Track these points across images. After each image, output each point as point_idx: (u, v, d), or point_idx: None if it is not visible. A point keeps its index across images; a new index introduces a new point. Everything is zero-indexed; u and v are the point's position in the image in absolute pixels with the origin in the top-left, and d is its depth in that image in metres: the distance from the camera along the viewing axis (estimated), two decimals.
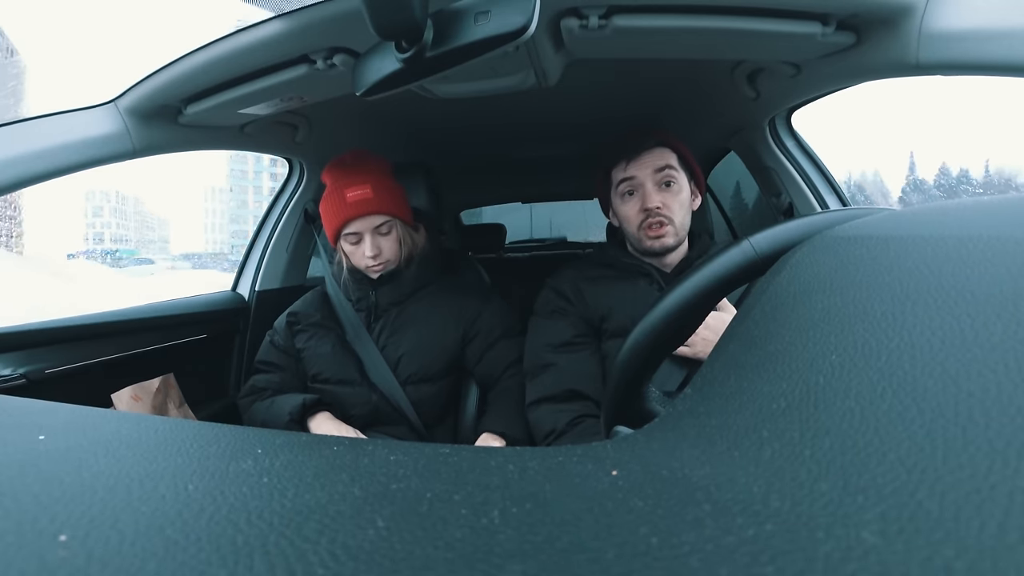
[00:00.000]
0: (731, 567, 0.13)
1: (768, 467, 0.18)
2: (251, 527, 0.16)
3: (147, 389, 1.08)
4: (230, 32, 0.75)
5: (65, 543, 0.16)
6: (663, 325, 0.38)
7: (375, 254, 1.03)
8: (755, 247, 0.36)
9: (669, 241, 0.95)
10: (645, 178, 0.95)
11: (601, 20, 0.71)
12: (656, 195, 0.95)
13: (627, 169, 0.97)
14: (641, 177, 0.95)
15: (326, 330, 1.11)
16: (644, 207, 0.94)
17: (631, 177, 0.96)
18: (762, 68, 0.99)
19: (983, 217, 0.24)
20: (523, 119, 1.49)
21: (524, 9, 0.51)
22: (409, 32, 0.53)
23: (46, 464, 0.22)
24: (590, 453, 0.23)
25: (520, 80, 0.93)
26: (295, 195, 1.44)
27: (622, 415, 0.42)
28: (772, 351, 0.23)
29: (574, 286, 1.01)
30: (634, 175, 0.96)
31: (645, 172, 0.95)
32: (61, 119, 0.83)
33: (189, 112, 0.90)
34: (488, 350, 1.09)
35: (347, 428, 1.01)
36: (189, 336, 1.24)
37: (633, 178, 0.96)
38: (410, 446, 0.24)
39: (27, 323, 0.93)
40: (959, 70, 0.68)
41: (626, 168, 0.97)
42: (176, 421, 0.29)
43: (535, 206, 2.85)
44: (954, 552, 0.12)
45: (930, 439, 0.15)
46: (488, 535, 0.16)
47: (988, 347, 0.17)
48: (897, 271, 0.22)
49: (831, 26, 0.73)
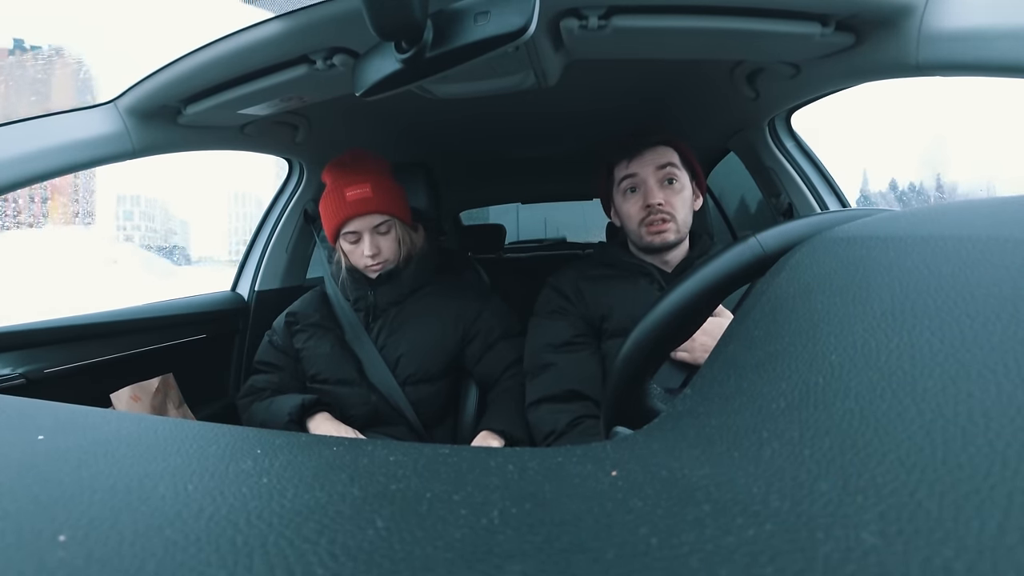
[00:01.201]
0: (731, 567, 0.13)
1: (768, 467, 0.18)
2: (250, 527, 0.16)
3: (146, 389, 1.08)
4: (230, 32, 0.75)
5: (64, 543, 0.16)
6: (666, 321, 0.37)
7: (374, 253, 1.03)
8: (763, 244, 0.36)
9: (670, 237, 0.95)
10: (647, 175, 0.95)
11: (601, 20, 0.71)
12: (659, 192, 0.95)
13: (629, 166, 0.97)
14: (643, 174, 0.95)
15: (325, 330, 1.10)
16: (646, 203, 0.94)
17: (633, 174, 0.96)
18: (762, 68, 0.99)
19: (983, 217, 0.24)
20: (523, 119, 1.49)
21: (524, 9, 0.51)
22: (409, 32, 0.53)
23: (45, 464, 0.22)
24: (590, 453, 0.23)
25: (520, 80, 0.93)
26: (295, 195, 1.44)
27: (622, 415, 0.41)
28: (772, 351, 0.23)
29: (574, 286, 1.01)
30: (636, 172, 0.96)
31: (647, 169, 0.95)
32: (61, 119, 0.83)
33: (189, 112, 0.90)
34: (488, 350, 1.09)
35: (346, 428, 1.01)
36: (188, 336, 1.24)
37: (635, 175, 0.96)
38: (409, 446, 0.24)
39: (26, 323, 0.93)
40: (959, 71, 0.68)
41: (628, 165, 0.97)
42: (175, 421, 0.29)
43: (534, 206, 2.85)
44: (954, 552, 0.12)
45: (930, 439, 0.15)
46: (488, 535, 0.16)
47: (988, 347, 0.17)
48: (897, 271, 0.23)
49: (830, 26, 0.73)
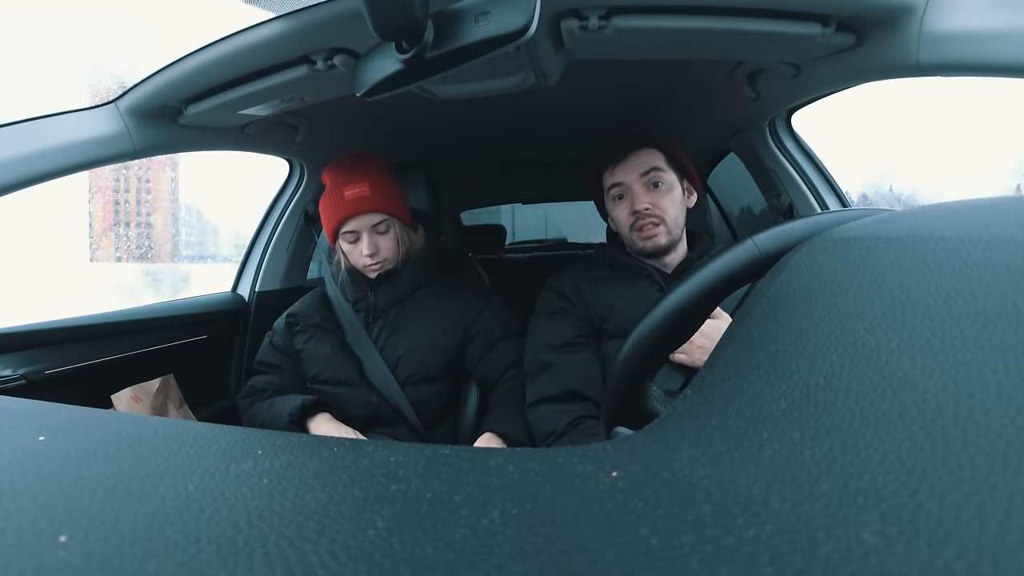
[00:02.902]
0: (731, 568, 0.13)
1: (768, 468, 0.18)
2: (251, 528, 0.16)
3: (147, 390, 1.08)
4: (231, 33, 0.75)
5: (65, 544, 0.16)
6: (665, 324, 0.37)
7: (372, 252, 1.03)
8: (759, 246, 0.36)
9: (661, 241, 0.95)
10: (632, 181, 0.96)
11: (601, 21, 0.71)
12: (644, 196, 0.95)
13: (615, 174, 0.98)
14: (628, 181, 0.96)
15: (325, 331, 1.10)
16: (633, 209, 0.95)
17: (620, 183, 0.97)
18: (762, 69, 0.99)
19: (983, 217, 0.24)
20: (523, 120, 1.49)
21: (524, 10, 0.51)
22: (409, 33, 0.53)
23: (46, 465, 0.22)
24: (590, 454, 0.23)
25: (520, 80, 0.93)
26: (295, 196, 1.44)
27: (622, 416, 0.41)
28: (772, 352, 0.23)
29: (574, 287, 1.01)
30: (622, 180, 0.97)
31: (632, 176, 0.96)
32: (61, 119, 0.83)
33: (189, 113, 0.90)
34: (488, 351, 1.09)
35: (347, 429, 1.01)
36: (189, 337, 1.25)
37: (621, 183, 0.97)
38: (410, 447, 0.24)
39: (27, 324, 0.93)
40: (959, 71, 0.68)
41: (613, 172, 0.98)
42: (176, 422, 0.29)
43: (535, 206, 2.84)
44: (954, 553, 0.12)
45: (930, 440, 0.15)
46: (488, 536, 0.16)
47: (988, 347, 0.17)
48: (897, 271, 0.22)
49: (831, 27, 0.73)
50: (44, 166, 0.80)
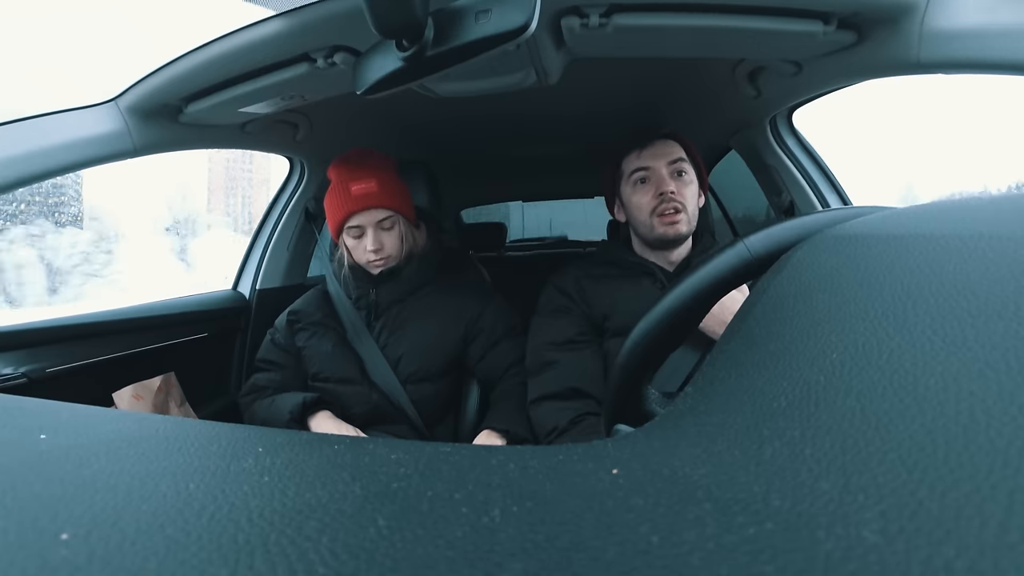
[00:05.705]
0: (732, 566, 0.13)
1: (769, 466, 0.18)
2: (252, 526, 0.16)
3: (148, 388, 1.08)
4: (231, 31, 0.75)
5: (66, 542, 0.16)
6: (661, 326, 0.38)
7: (377, 248, 1.03)
8: (750, 248, 0.36)
9: (683, 228, 0.95)
10: (659, 166, 0.96)
11: (602, 18, 0.71)
12: (671, 181, 0.95)
13: (640, 158, 0.97)
14: (655, 166, 0.96)
15: (327, 329, 1.11)
16: (659, 191, 0.95)
17: (646, 167, 0.97)
18: (763, 67, 0.99)
19: (984, 215, 0.24)
20: (524, 118, 1.49)
21: (525, 7, 0.51)
22: (410, 31, 0.53)
23: (47, 463, 0.22)
24: (591, 452, 0.23)
25: (521, 79, 0.93)
26: (296, 194, 1.44)
27: (623, 413, 0.42)
28: (773, 350, 0.23)
29: (576, 284, 1.01)
30: (648, 164, 0.97)
31: (659, 161, 0.96)
32: (61, 118, 0.83)
33: (190, 111, 0.90)
34: (490, 349, 1.09)
35: (347, 427, 1.01)
36: (190, 335, 1.25)
37: (647, 167, 0.97)
38: (411, 445, 0.24)
39: (28, 322, 0.93)
40: (960, 69, 0.68)
41: (639, 157, 0.98)
42: (177, 420, 0.29)
43: (535, 205, 2.84)
44: (955, 551, 0.12)
45: (931, 438, 0.15)
46: (489, 534, 0.16)
47: (989, 346, 0.17)
48: (898, 270, 0.22)
49: (832, 24, 0.73)
50: (44, 165, 0.80)
